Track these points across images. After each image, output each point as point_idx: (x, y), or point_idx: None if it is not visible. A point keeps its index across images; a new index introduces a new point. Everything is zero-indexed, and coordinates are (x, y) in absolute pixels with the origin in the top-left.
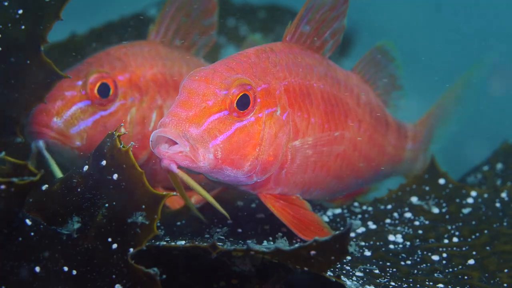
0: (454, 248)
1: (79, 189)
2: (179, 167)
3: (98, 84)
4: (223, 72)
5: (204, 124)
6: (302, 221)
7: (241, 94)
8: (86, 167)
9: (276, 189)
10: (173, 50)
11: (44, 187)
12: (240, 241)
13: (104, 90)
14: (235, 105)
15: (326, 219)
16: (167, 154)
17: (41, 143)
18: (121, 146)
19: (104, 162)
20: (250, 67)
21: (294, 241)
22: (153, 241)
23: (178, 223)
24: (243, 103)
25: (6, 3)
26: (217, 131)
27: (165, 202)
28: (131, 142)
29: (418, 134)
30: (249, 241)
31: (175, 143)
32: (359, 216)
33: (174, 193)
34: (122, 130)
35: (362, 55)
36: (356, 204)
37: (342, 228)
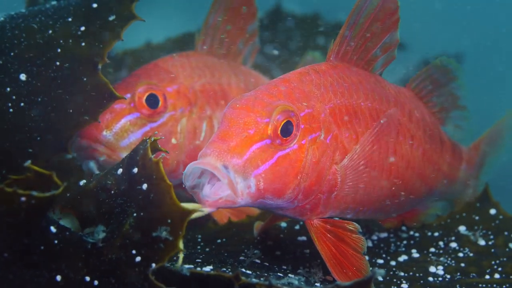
0: (495, 286)
1: (112, 192)
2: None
3: (146, 95)
4: (264, 99)
5: (246, 154)
6: (342, 263)
7: (284, 121)
8: (120, 170)
9: (326, 213)
10: (220, 60)
11: (82, 182)
12: (270, 272)
13: (152, 101)
14: (279, 132)
15: (369, 244)
16: (208, 203)
17: (91, 164)
18: (152, 156)
19: (135, 170)
20: (292, 92)
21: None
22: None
23: (219, 240)
24: (286, 130)
25: (70, 19)
26: (259, 160)
27: (213, 217)
28: (162, 154)
29: (472, 158)
30: (271, 275)
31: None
32: (404, 242)
33: (202, 209)
34: (156, 137)
35: None
36: (404, 228)
37: (383, 255)
